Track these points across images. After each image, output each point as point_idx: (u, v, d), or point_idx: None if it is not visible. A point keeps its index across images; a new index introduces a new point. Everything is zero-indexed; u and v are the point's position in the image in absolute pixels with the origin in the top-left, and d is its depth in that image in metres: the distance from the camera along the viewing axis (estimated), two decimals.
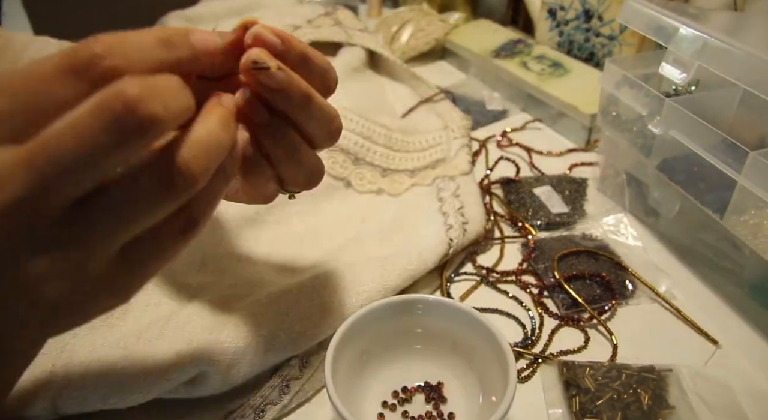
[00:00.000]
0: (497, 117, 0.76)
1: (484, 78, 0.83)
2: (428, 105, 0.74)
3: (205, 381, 0.38)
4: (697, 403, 0.40)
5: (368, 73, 0.78)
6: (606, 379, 0.41)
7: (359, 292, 0.44)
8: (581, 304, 0.48)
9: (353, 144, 0.59)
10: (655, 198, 0.55)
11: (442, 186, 0.57)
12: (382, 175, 0.60)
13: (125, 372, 0.37)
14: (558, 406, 0.41)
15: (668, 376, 0.42)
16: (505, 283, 0.52)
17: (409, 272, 0.47)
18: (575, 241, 0.54)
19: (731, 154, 0.43)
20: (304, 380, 0.41)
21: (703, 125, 0.46)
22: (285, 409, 0.40)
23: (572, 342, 0.46)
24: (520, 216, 0.58)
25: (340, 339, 0.37)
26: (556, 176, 0.63)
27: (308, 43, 0.82)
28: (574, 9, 0.80)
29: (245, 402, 0.40)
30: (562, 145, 0.71)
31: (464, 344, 0.41)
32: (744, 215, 0.44)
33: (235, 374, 0.39)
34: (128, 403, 0.37)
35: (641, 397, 0.40)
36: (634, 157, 0.56)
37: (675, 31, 0.49)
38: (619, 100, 0.55)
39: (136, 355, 0.38)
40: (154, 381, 0.36)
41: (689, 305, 0.49)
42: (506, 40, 0.85)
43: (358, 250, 0.50)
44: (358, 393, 0.40)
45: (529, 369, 0.44)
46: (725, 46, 0.45)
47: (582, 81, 0.74)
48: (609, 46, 0.77)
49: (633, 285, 0.50)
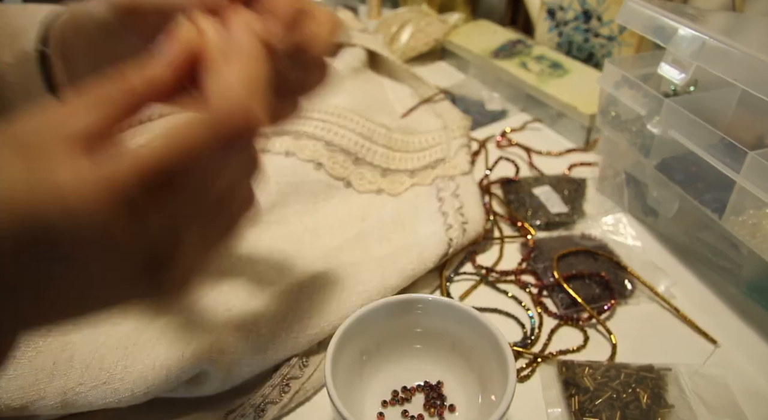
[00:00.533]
0: (497, 117, 0.76)
1: (484, 78, 0.83)
2: (428, 105, 0.74)
3: (205, 380, 0.39)
4: (696, 402, 0.40)
5: (368, 74, 0.79)
6: (605, 379, 0.41)
7: (359, 291, 0.44)
8: (580, 304, 0.48)
9: (353, 144, 0.59)
10: (654, 198, 0.56)
11: (442, 186, 0.57)
12: (382, 175, 0.60)
13: (126, 371, 0.37)
14: (557, 405, 0.41)
15: (667, 376, 0.42)
16: (504, 283, 0.52)
17: (409, 272, 0.47)
18: (574, 241, 0.54)
19: (730, 154, 0.43)
20: (304, 379, 0.42)
21: (702, 125, 0.46)
22: (285, 408, 0.40)
23: (571, 341, 0.46)
24: (520, 216, 0.58)
25: (340, 338, 0.37)
26: (556, 176, 0.63)
27: None
28: (573, 9, 0.80)
29: (246, 401, 0.40)
30: (562, 145, 0.71)
31: (464, 344, 0.41)
32: (742, 215, 0.45)
33: (235, 374, 0.39)
34: (129, 402, 0.37)
35: (640, 396, 0.40)
36: (633, 157, 0.57)
37: (674, 31, 0.49)
38: (618, 101, 0.56)
39: (138, 355, 0.38)
40: (154, 380, 0.37)
41: (688, 305, 0.49)
42: (505, 41, 0.86)
43: (358, 250, 0.50)
44: (358, 392, 0.40)
45: (528, 368, 0.44)
46: (724, 46, 0.45)
47: (581, 81, 0.74)
48: (608, 47, 0.77)
49: (632, 284, 0.50)
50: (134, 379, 0.36)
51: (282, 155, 0.57)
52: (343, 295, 0.44)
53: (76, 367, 0.37)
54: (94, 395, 0.36)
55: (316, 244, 0.52)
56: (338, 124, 0.60)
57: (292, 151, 0.57)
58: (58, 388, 0.36)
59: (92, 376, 0.36)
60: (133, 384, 0.36)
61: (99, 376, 0.36)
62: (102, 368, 0.37)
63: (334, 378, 0.35)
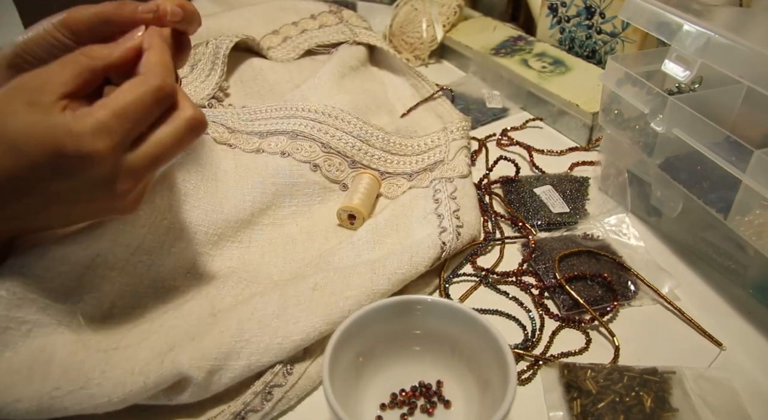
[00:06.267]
0: (497, 115, 0.75)
1: (484, 76, 0.82)
2: (428, 105, 0.73)
3: (186, 388, 0.38)
4: (701, 406, 0.40)
5: (368, 72, 0.78)
6: (608, 382, 0.41)
7: (347, 296, 0.44)
8: (582, 305, 0.47)
9: (350, 147, 0.59)
10: (657, 197, 0.55)
11: (439, 187, 0.56)
12: (380, 178, 0.59)
13: (104, 376, 0.36)
14: (559, 408, 0.40)
15: (671, 379, 0.41)
16: (505, 284, 0.51)
17: (399, 276, 0.46)
18: (576, 241, 0.54)
19: (735, 153, 0.43)
20: (288, 387, 0.41)
21: (707, 123, 0.45)
22: (267, 417, 0.40)
23: (573, 343, 0.45)
24: (521, 216, 0.57)
25: (338, 341, 0.37)
26: (557, 175, 0.63)
27: (315, 46, 0.82)
28: (575, 5, 0.79)
29: (226, 408, 0.39)
30: (563, 143, 0.70)
31: (464, 346, 0.40)
32: (748, 215, 0.44)
33: (217, 381, 0.39)
34: (105, 408, 0.36)
35: (643, 399, 0.40)
36: (637, 155, 0.56)
37: (678, 27, 0.48)
38: (621, 98, 0.55)
39: (117, 360, 0.37)
40: (132, 386, 0.36)
41: (692, 306, 0.48)
42: (506, 38, 0.85)
43: (351, 253, 0.50)
44: (356, 396, 0.39)
45: (529, 371, 0.43)
46: (729, 42, 0.44)
47: (583, 79, 0.73)
48: (611, 43, 0.77)
49: (635, 286, 0.50)
50: (112, 384, 0.36)
51: (278, 155, 0.56)
52: (331, 300, 0.43)
53: (53, 371, 0.36)
54: (70, 400, 0.35)
55: (309, 246, 0.52)
56: (335, 125, 0.59)
57: (288, 152, 0.56)
58: (34, 392, 0.35)
59: (69, 381, 0.36)
60: (111, 390, 0.36)
61: (76, 380, 0.36)
62: (80, 372, 0.36)
63: (331, 381, 0.34)
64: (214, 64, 0.69)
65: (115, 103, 0.33)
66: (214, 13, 0.85)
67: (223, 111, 0.62)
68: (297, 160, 0.56)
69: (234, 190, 0.52)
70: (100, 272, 0.42)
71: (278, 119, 0.59)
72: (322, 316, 0.42)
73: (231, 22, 0.81)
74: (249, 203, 0.52)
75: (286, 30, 0.82)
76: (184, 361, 0.37)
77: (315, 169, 0.56)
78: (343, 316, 0.42)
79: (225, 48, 0.70)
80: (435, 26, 0.87)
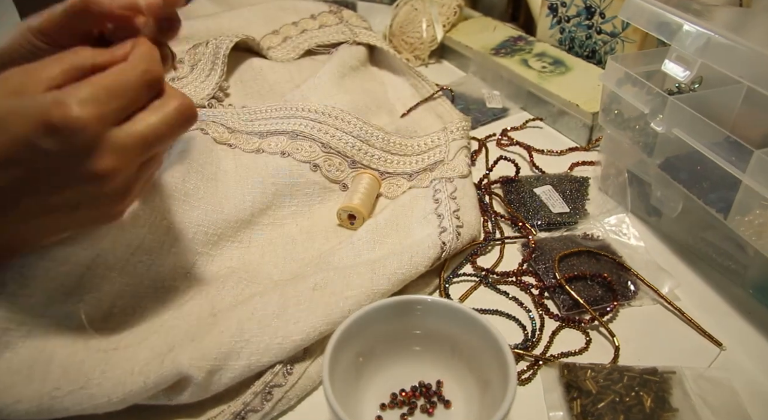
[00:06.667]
0: (497, 115, 0.75)
1: (484, 76, 0.82)
2: (428, 105, 0.73)
3: (186, 388, 0.38)
4: (701, 406, 0.40)
5: (368, 72, 0.78)
6: (608, 382, 0.41)
7: (347, 296, 0.44)
8: (582, 305, 0.47)
9: (350, 147, 0.59)
10: (657, 197, 0.55)
11: (439, 187, 0.56)
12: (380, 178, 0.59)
13: (104, 376, 0.36)
14: (559, 408, 0.40)
15: (671, 379, 0.41)
16: (505, 284, 0.51)
17: (399, 276, 0.46)
18: (576, 241, 0.54)
19: (735, 153, 0.43)
20: (288, 387, 0.41)
21: (707, 123, 0.45)
22: (267, 417, 0.40)
23: (573, 343, 0.45)
24: (521, 216, 0.57)
25: (338, 341, 0.37)
26: (557, 175, 0.63)
27: (315, 46, 0.82)
28: (575, 5, 0.79)
29: (226, 408, 0.39)
30: (563, 143, 0.70)
31: (463, 346, 0.40)
32: (749, 215, 0.44)
33: (217, 381, 0.39)
34: (105, 408, 0.36)
35: (643, 399, 0.40)
36: (637, 155, 0.56)
37: (678, 27, 0.48)
38: (621, 98, 0.55)
39: (117, 360, 0.37)
40: (132, 386, 0.36)
41: (692, 306, 0.48)
42: (506, 38, 0.85)
43: (351, 253, 0.50)
44: (356, 396, 0.39)
45: (529, 371, 0.43)
46: (729, 42, 0.44)
47: (583, 79, 0.73)
48: (611, 43, 0.76)
49: (635, 286, 0.50)
50: (112, 384, 0.36)
51: (278, 155, 0.56)
52: (331, 300, 0.43)
53: (53, 371, 0.36)
54: (70, 400, 0.35)
55: (309, 246, 0.52)
56: (335, 125, 0.59)
57: (288, 152, 0.56)
58: (34, 392, 0.35)
59: (69, 381, 0.36)
60: (111, 390, 0.36)
61: (76, 380, 0.36)
62: (80, 372, 0.36)
63: (331, 381, 0.34)
64: (214, 64, 0.69)
65: (102, 79, 0.33)
66: (214, 13, 0.85)
67: (223, 111, 0.62)
68: (297, 160, 0.56)
69: (234, 190, 0.52)
70: (100, 272, 0.42)
71: (278, 119, 0.59)
72: (322, 316, 0.42)
73: (231, 22, 0.81)
74: (249, 203, 0.52)
75: (286, 30, 0.82)
76: (184, 361, 0.37)
77: (315, 169, 0.56)
78: (343, 316, 0.42)
79: (225, 48, 0.70)
80: (435, 26, 0.87)
